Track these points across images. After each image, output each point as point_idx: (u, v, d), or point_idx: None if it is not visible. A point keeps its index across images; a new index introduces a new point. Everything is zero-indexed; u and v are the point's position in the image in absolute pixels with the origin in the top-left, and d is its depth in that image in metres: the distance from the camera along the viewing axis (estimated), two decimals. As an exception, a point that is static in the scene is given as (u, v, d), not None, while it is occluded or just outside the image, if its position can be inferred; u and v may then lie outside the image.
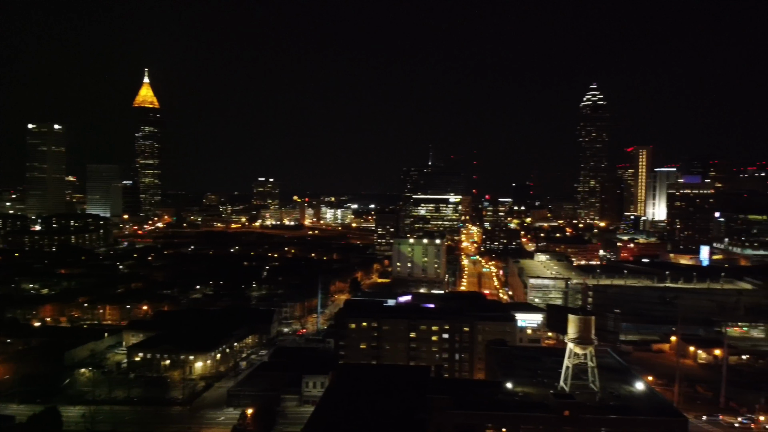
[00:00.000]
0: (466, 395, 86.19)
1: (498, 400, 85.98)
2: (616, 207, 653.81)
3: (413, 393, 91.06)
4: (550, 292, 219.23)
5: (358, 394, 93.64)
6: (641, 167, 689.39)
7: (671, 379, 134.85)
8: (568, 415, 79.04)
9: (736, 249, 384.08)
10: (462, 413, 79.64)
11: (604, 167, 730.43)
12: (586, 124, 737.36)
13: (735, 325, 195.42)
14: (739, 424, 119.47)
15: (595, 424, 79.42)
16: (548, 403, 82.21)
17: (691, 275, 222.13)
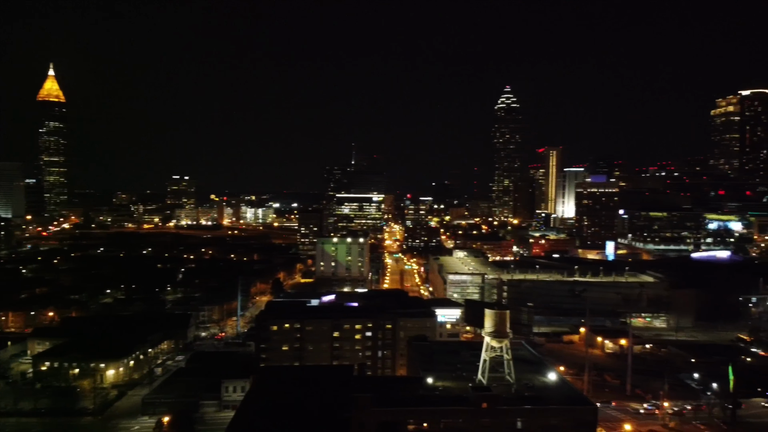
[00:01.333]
0: (388, 392, 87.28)
1: (419, 396, 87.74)
2: (529, 205, 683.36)
3: (336, 392, 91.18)
4: (468, 288, 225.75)
5: (279, 396, 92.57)
6: (552, 167, 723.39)
7: (581, 368, 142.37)
8: (486, 407, 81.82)
9: (639, 244, 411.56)
10: (384, 410, 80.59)
11: (517, 167, 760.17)
12: (501, 126, 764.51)
13: (639, 316, 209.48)
14: (644, 410, 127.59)
15: (512, 415, 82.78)
16: (467, 397, 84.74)
17: (598, 269, 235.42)
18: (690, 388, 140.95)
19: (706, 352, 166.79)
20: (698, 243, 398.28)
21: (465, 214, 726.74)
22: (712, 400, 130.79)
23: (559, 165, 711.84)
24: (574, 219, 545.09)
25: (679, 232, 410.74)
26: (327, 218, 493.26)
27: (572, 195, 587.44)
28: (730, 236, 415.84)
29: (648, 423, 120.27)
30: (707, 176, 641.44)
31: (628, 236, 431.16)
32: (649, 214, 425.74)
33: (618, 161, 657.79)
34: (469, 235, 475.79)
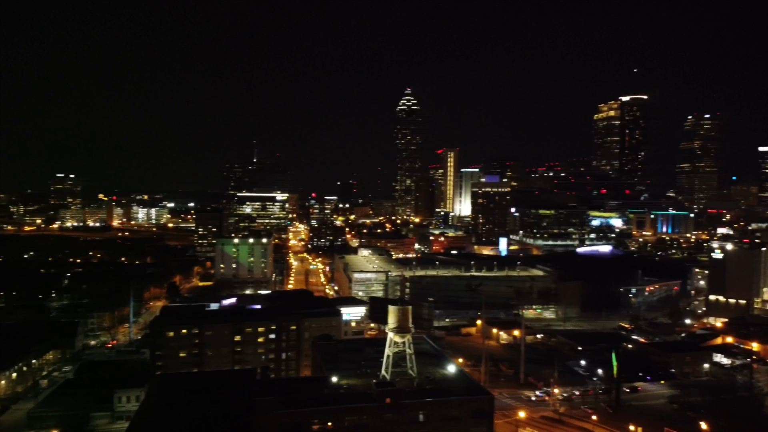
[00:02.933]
0: (291, 394, 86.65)
1: (323, 395, 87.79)
2: (429, 204, 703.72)
3: (237, 397, 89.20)
4: (373, 285, 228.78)
5: (177, 404, 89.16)
6: (450, 168, 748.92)
7: (478, 359, 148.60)
8: (390, 402, 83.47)
9: (529, 240, 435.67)
10: (288, 412, 79.93)
11: (418, 168, 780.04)
12: (402, 127, 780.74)
13: (530, 308, 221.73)
14: (535, 398, 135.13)
15: (414, 409, 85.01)
16: (371, 393, 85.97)
17: (492, 264, 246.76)
18: (578, 375, 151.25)
19: (591, 341, 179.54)
20: (583, 238, 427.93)
21: (369, 213, 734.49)
22: (598, 385, 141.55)
23: (456, 166, 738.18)
24: (470, 217, 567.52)
25: (565, 228, 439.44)
26: (227, 218, 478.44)
27: (469, 194, 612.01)
28: (612, 232, 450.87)
29: (540, 409, 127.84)
30: (590, 176, 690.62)
31: (520, 233, 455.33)
32: (539, 211, 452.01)
33: (510, 162, 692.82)
34: (373, 233, 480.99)
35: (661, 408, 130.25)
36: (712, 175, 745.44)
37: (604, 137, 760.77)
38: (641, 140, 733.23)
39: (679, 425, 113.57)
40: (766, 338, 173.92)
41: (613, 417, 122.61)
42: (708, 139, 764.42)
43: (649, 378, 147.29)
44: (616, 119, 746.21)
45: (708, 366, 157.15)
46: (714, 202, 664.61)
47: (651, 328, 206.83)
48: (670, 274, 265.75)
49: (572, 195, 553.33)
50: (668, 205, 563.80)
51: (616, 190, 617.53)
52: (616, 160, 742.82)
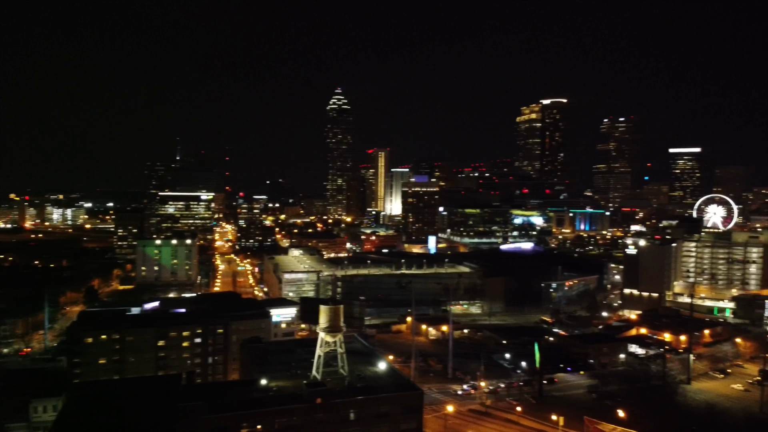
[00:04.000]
0: (219, 398, 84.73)
1: (252, 398, 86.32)
2: (360, 203, 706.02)
3: (162, 404, 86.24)
4: (304, 286, 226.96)
5: (97, 413, 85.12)
6: (380, 167, 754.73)
7: (409, 356, 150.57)
8: (320, 402, 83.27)
9: (457, 238, 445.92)
10: (214, 417, 78.11)
11: (349, 167, 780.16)
12: (333, 127, 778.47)
13: (457, 304, 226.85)
14: (462, 392, 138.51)
15: (345, 407, 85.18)
16: (301, 394, 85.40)
17: (422, 262, 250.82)
18: (503, 368, 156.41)
19: (515, 334, 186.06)
20: (506, 236, 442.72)
21: (300, 213, 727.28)
22: (522, 378, 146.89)
23: (387, 165, 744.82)
24: (401, 216, 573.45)
25: (490, 226, 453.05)
26: (149, 218, 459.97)
27: (399, 194, 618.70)
28: (533, 229, 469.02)
29: (467, 403, 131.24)
30: (513, 176, 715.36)
31: (448, 231, 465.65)
32: (465, 210, 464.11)
33: (438, 163, 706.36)
34: (304, 233, 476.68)
35: (581, 398, 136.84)
36: (626, 175, 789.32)
37: (526, 139, 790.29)
38: (561, 142, 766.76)
39: (598, 413, 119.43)
40: (677, 329, 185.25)
41: (536, 408, 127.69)
42: (622, 141, 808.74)
43: (570, 369, 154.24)
44: (537, 122, 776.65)
45: (624, 356, 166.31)
46: (628, 200, 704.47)
47: (570, 321, 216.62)
48: (587, 270, 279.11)
49: (496, 194, 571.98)
50: (586, 203, 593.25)
51: (537, 190, 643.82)
52: (537, 161, 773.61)
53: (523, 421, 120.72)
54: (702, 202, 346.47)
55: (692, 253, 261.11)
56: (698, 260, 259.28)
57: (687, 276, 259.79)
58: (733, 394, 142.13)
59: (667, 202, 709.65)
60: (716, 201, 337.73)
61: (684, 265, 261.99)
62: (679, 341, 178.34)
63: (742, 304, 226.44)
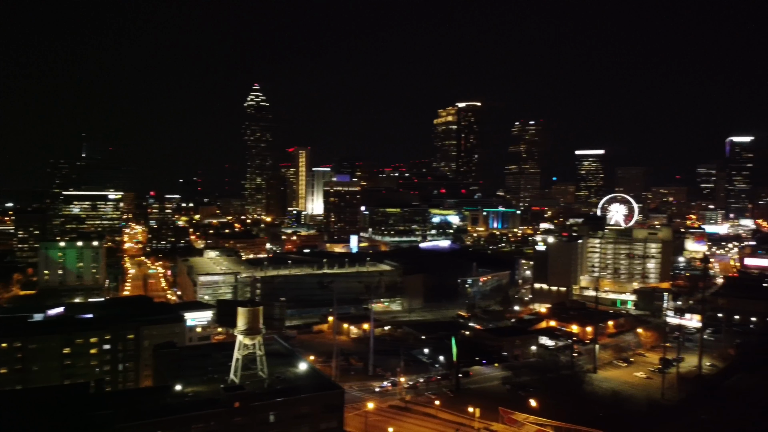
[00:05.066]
0: (131, 406, 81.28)
1: (166, 405, 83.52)
2: (281, 203, 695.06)
3: (68, 415, 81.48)
4: (221, 288, 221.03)
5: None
6: (301, 166, 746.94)
7: (330, 355, 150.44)
8: (239, 406, 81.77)
9: (378, 237, 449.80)
10: (126, 426, 74.90)
11: (269, 165, 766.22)
12: (251, 124, 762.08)
13: (378, 301, 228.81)
14: (380, 388, 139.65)
15: (264, 410, 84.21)
16: (219, 398, 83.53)
17: (344, 261, 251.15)
18: (422, 363, 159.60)
19: (433, 329, 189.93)
20: (425, 234, 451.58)
21: (217, 213, 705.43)
22: (440, 372, 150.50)
23: (308, 164, 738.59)
24: (322, 215, 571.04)
25: (409, 225, 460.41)
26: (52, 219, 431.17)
27: (320, 193, 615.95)
28: (450, 228, 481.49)
29: (388, 399, 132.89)
30: (431, 177, 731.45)
31: (369, 230, 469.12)
32: (386, 210, 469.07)
33: (359, 162, 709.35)
34: (221, 234, 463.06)
35: (495, 389, 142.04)
36: (535, 176, 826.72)
37: (443, 140, 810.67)
38: (475, 144, 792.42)
39: (512, 404, 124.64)
40: (583, 321, 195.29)
41: (453, 401, 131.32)
42: (532, 144, 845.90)
43: (485, 362, 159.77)
44: (453, 124, 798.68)
45: (535, 348, 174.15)
46: (537, 200, 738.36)
47: (485, 315, 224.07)
48: (500, 266, 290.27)
49: (415, 194, 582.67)
50: (498, 203, 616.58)
51: (453, 190, 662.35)
52: (454, 162, 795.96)
53: (441, 414, 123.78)
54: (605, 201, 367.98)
55: (596, 249, 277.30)
56: (602, 256, 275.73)
57: (592, 270, 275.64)
58: (636, 382, 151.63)
59: (574, 201, 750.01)
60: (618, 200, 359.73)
61: (589, 260, 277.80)
62: (585, 332, 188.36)
63: (642, 297, 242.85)
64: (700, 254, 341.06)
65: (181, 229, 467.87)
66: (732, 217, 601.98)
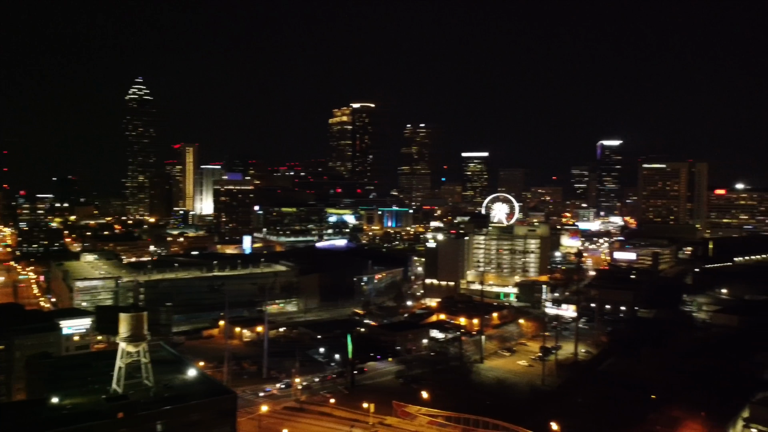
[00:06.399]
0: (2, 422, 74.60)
1: (43, 419, 77.50)
2: (166, 202, 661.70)
3: None
4: (100, 294, 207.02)
5: None
6: (188, 164, 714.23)
7: (221, 360, 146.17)
8: (123, 416, 77.72)
9: (273, 237, 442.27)
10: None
11: (152, 163, 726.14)
12: (133, 118, 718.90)
13: (273, 303, 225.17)
14: (271, 389, 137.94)
15: (150, 419, 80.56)
16: (101, 409, 78.85)
17: (236, 263, 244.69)
18: (317, 362, 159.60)
19: (329, 328, 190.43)
20: (321, 234, 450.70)
21: (95, 213, 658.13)
22: (336, 370, 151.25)
23: (196, 162, 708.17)
24: (213, 215, 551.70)
25: (306, 225, 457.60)
26: None
27: (210, 192, 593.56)
28: (346, 227, 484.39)
29: (282, 401, 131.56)
30: (327, 176, 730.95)
31: (264, 230, 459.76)
32: (281, 209, 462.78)
33: (252, 160, 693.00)
34: (100, 236, 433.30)
35: (389, 384, 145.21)
36: (426, 176, 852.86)
37: (339, 140, 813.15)
38: (370, 144, 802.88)
39: (405, 397, 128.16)
40: (470, 314, 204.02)
41: (349, 398, 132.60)
42: (423, 146, 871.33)
43: (379, 357, 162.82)
44: (348, 124, 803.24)
45: (426, 341, 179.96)
46: (428, 199, 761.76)
47: (380, 311, 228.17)
48: (394, 263, 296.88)
49: (311, 193, 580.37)
50: (392, 202, 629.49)
51: (349, 190, 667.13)
52: (349, 162, 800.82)
53: (336, 412, 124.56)
54: (489, 200, 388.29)
55: (482, 246, 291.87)
56: (487, 251, 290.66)
57: (478, 265, 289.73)
58: (519, 370, 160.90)
59: (461, 201, 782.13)
60: (501, 199, 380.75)
61: (475, 256, 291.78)
62: (472, 324, 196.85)
63: (523, 289, 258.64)
64: (575, 249, 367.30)
65: (54, 232, 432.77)
66: (602, 215, 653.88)
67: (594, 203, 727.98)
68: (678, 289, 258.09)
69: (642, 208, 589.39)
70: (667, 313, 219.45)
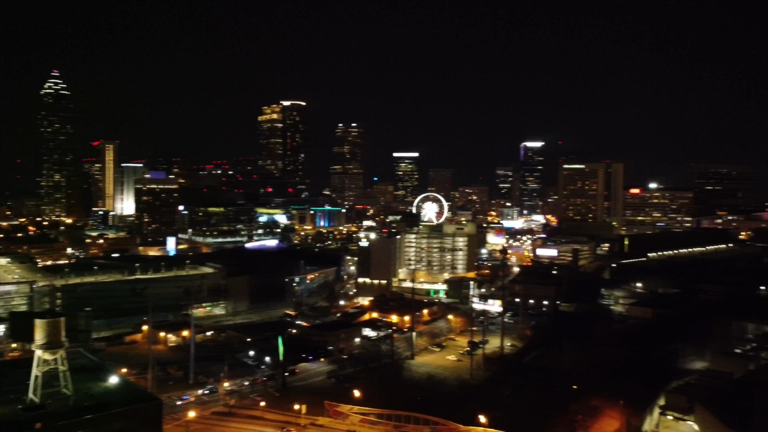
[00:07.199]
0: None
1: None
2: (84, 203, 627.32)
3: None
4: (13, 299, 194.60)
5: None
6: (108, 162, 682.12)
7: (145, 366, 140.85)
8: (40, 427, 74.05)
9: (199, 238, 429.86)
10: None
11: (70, 161, 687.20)
12: (49, 114, 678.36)
13: (200, 306, 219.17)
14: (204, 395, 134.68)
15: (71, 429, 77.10)
16: (17, 420, 74.72)
17: (160, 265, 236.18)
18: (247, 366, 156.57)
19: (259, 331, 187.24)
20: (251, 234, 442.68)
21: (7, 214, 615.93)
22: (266, 373, 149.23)
23: (116, 160, 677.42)
24: (134, 216, 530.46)
25: (234, 225, 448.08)
26: None
27: (131, 191, 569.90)
28: (277, 227, 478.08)
29: (210, 406, 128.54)
30: (257, 175, 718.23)
31: (189, 231, 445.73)
32: (208, 209, 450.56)
33: (176, 158, 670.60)
34: (12, 238, 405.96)
35: (321, 384, 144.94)
36: (358, 176, 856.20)
37: (269, 138, 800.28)
38: (301, 143, 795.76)
39: (337, 396, 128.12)
40: (402, 311, 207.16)
41: (280, 400, 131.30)
42: (355, 145, 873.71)
43: (311, 357, 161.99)
44: (278, 122, 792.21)
45: (359, 340, 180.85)
46: (360, 199, 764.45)
47: (312, 312, 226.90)
48: (327, 263, 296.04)
49: (240, 193, 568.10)
50: (324, 202, 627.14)
51: (280, 189, 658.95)
52: (280, 161, 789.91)
53: (267, 415, 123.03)
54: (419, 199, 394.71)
55: (413, 244, 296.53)
56: (417, 250, 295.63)
57: (409, 264, 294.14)
58: (448, 364, 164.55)
59: (392, 200, 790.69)
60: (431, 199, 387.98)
61: (406, 254, 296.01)
62: (404, 321, 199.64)
63: (452, 286, 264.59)
64: (500, 246, 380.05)
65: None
66: (525, 214, 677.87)
67: (518, 202, 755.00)
68: (596, 284, 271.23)
69: (562, 206, 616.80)
70: (587, 306, 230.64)
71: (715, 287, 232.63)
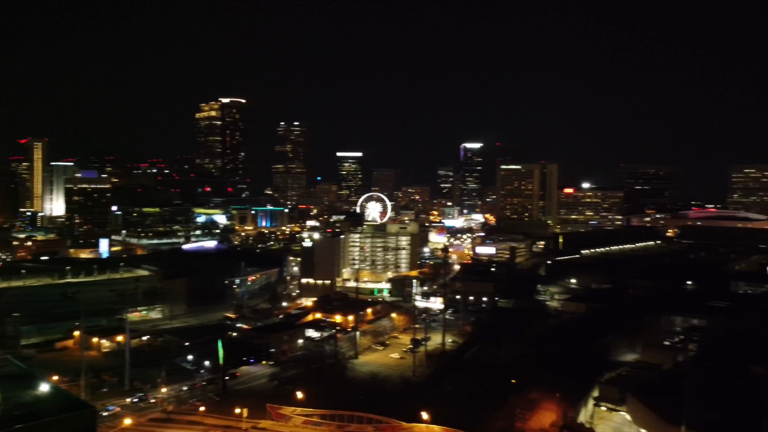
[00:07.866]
0: None
1: None
2: (11, 203, 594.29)
3: None
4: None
5: None
6: (37, 161, 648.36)
7: (77, 373, 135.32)
8: (-39, 442, 69.82)
9: (134, 239, 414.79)
10: None
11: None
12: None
13: (135, 310, 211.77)
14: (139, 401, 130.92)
15: (-3, 442, 73.22)
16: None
17: (92, 268, 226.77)
18: (186, 370, 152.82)
19: (198, 334, 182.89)
20: (189, 235, 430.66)
21: None
22: (206, 377, 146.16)
23: (45, 158, 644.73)
24: (65, 217, 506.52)
25: (171, 226, 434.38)
26: None
27: (62, 191, 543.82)
28: (216, 228, 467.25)
29: (147, 413, 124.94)
30: (195, 174, 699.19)
31: (123, 232, 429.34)
32: (143, 209, 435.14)
33: (109, 157, 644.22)
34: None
35: (264, 387, 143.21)
36: (301, 175, 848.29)
37: (207, 136, 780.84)
38: (241, 141, 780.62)
39: (280, 399, 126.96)
40: (346, 311, 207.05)
41: (220, 404, 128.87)
42: (297, 144, 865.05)
43: (253, 360, 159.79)
44: (217, 119, 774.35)
45: (302, 341, 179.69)
46: (303, 198, 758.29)
47: (254, 314, 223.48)
48: (269, 263, 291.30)
49: (177, 192, 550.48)
50: (266, 201, 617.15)
51: (219, 188, 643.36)
52: (219, 159, 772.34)
53: (207, 420, 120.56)
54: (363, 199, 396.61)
55: (357, 243, 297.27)
56: (361, 249, 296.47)
57: (353, 263, 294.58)
58: (392, 363, 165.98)
59: (336, 200, 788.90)
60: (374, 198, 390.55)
61: (350, 253, 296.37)
62: (348, 321, 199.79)
63: (395, 284, 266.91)
64: (441, 245, 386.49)
65: None
66: (465, 213, 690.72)
67: (458, 202, 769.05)
68: (533, 280, 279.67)
69: (500, 205, 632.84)
70: (524, 302, 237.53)
71: (645, 282, 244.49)
